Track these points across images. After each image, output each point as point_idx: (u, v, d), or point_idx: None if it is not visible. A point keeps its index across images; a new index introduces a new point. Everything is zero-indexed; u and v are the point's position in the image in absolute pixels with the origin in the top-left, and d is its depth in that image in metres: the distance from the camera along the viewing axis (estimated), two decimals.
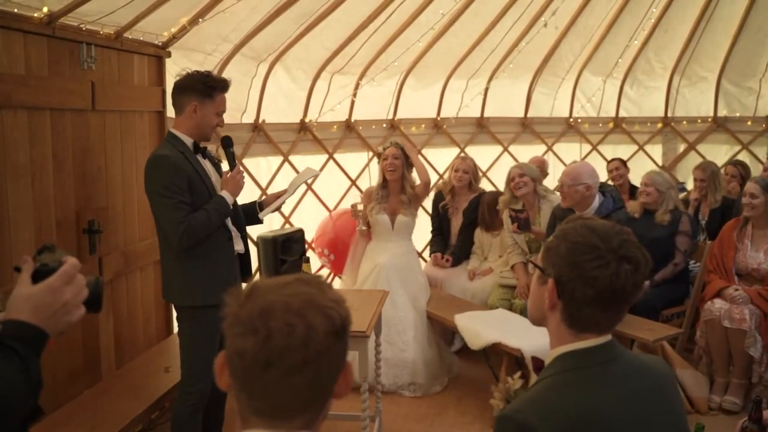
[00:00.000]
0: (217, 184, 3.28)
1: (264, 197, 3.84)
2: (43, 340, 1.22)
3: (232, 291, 1.12)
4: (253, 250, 5.27)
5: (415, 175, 5.13)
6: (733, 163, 6.26)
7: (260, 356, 1.04)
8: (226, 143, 3.41)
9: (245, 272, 3.50)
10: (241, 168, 3.34)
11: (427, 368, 4.71)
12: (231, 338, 1.07)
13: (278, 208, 3.70)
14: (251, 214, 3.59)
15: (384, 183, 5.13)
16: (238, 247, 3.39)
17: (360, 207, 5.07)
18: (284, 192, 3.67)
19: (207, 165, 3.29)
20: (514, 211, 4.81)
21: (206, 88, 3.16)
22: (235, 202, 3.33)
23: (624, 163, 6.55)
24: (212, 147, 3.86)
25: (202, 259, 3.16)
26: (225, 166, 3.45)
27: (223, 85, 3.23)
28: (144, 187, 3.16)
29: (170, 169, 3.05)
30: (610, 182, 6.24)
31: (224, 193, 3.21)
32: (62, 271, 1.25)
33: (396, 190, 5.07)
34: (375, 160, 5.77)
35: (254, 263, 5.31)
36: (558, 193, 4.79)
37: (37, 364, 1.20)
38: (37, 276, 1.25)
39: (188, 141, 3.19)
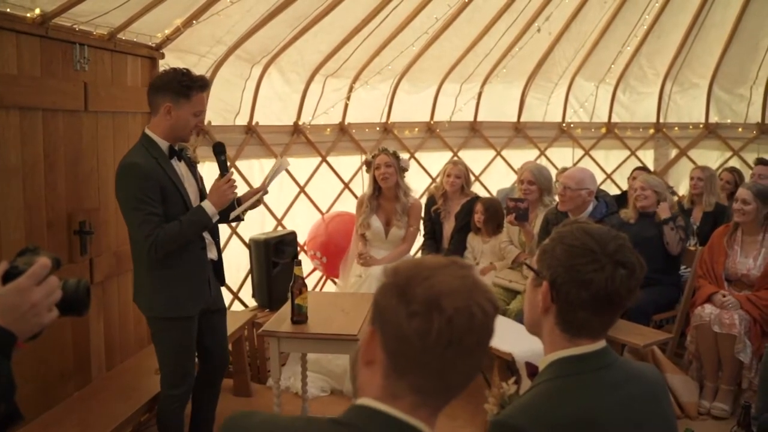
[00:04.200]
0: (191, 189, 3.16)
1: (241, 195, 3.54)
2: (10, 343, 1.18)
3: (393, 276, 1.13)
4: (244, 253, 5.30)
5: (408, 181, 5.12)
6: (729, 169, 6.30)
7: (444, 336, 1.06)
8: (218, 150, 3.26)
9: (220, 280, 3.40)
10: (232, 177, 3.15)
11: None
12: (407, 316, 1.07)
13: (253, 207, 3.44)
14: (226, 213, 3.35)
15: (376, 192, 5.10)
16: (212, 254, 3.28)
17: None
18: (260, 189, 3.45)
19: (182, 169, 3.16)
20: (513, 200, 4.77)
21: (181, 87, 2.99)
22: None
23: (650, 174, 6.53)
24: (201, 147, 3.81)
25: (173, 271, 3.05)
26: (206, 169, 3.31)
27: (200, 84, 3.06)
28: (115, 194, 3.06)
29: (141, 178, 2.92)
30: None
31: (206, 204, 3.05)
32: (30, 272, 1.21)
33: (390, 197, 5.05)
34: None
35: (242, 266, 5.37)
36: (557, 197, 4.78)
37: (8, 367, 1.17)
38: (7, 278, 1.22)
39: (163, 144, 3.06)
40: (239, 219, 3.51)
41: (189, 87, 3.01)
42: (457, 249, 5.51)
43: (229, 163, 3.26)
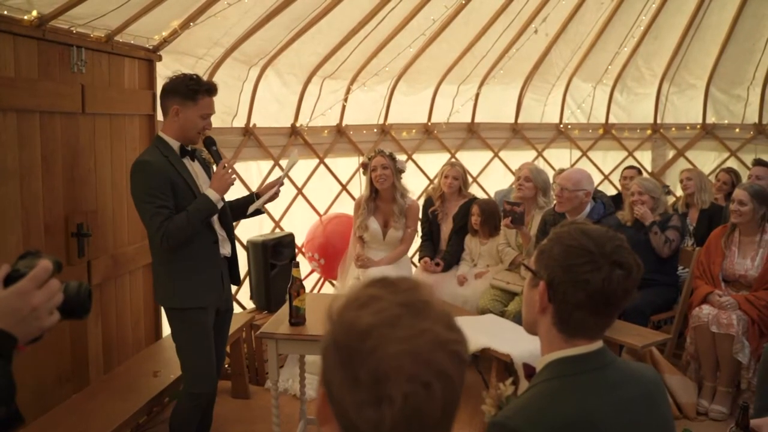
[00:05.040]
0: (205, 186, 3.25)
1: (259, 190, 3.79)
2: (11, 346, 1.17)
3: (334, 337, 0.95)
4: (242, 255, 5.29)
5: (405, 183, 5.12)
6: (726, 170, 6.32)
7: (400, 424, 0.90)
8: (208, 143, 3.38)
9: (233, 279, 3.50)
10: (226, 164, 3.24)
11: None
12: (355, 406, 0.91)
13: (271, 199, 3.62)
14: (245, 207, 3.58)
15: (373, 194, 5.11)
16: (225, 250, 3.38)
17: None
18: (276, 183, 3.63)
19: (195, 168, 3.28)
20: (509, 204, 4.79)
21: (188, 91, 3.14)
22: (224, 203, 3.31)
23: (640, 172, 6.56)
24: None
25: (186, 263, 3.17)
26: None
27: (207, 88, 3.20)
28: (130, 191, 3.18)
29: (151, 174, 3.06)
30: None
31: (209, 192, 3.17)
32: (31, 275, 1.20)
33: (387, 198, 5.05)
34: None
35: (240, 267, 5.37)
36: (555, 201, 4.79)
37: (8, 370, 1.16)
38: (8, 281, 1.21)
39: (175, 144, 3.19)
40: (259, 212, 3.70)
41: (196, 90, 3.16)
42: (454, 251, 5.51)
43: (235, 177, 3.35)
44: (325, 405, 0.97)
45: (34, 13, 3.21)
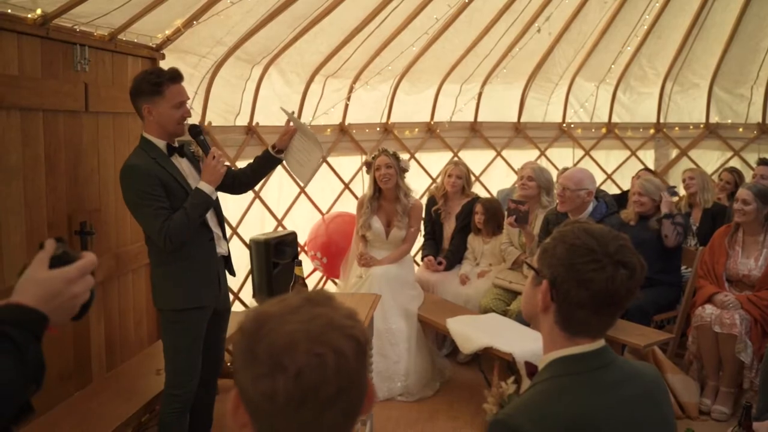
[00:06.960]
0: (195, 183, 3.21)
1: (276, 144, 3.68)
2: (43, 326, 1.17)
3: (241, 326, 1.03)
4: (245, 254, 5.30)
5: (408, 182, 5.13)
6: (729, 169, 6.31)
7: (294, 395, 0.95)
8: (195, 132, 3.31)
9: (228, 270, 3.48)
10: (216, 153, 3.19)
11: (420, 375, 4.70)
12: (252, 379, 0.98)
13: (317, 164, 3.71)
14: (269, 161, 3.60)
15: (376, 193, 5.11)
16: (221, 249, 3.35)
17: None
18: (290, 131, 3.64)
19: (184, 165, 3.23)
20: (514, 202, 4.79)
21: (151, 86, 3.05)
22: (218, 201, 3.28)
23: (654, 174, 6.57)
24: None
25: (184, 262, 3.14)
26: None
27: (170, 77, 3.09)
28: (122, 198, 3.13)
29: (141, 176, 3.00)
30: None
31: (202, 184, 3.13)
32: (81, 264, 1.22)
33: (391, 198, 5.05)
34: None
35: (243, 266, 5.38)
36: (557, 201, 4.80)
37: (38, 349, 1.15)
38: (56, 262, 1.21)
39: (161, 143, 3.13)
40: (280, 152, 3.64)
41: (158, 83, 3.06)
42: (457, 250, 5.52)
43: (228, 163, 3.32)
44: (238, 408, 1.02)
45: (38, 11, 3.22)
